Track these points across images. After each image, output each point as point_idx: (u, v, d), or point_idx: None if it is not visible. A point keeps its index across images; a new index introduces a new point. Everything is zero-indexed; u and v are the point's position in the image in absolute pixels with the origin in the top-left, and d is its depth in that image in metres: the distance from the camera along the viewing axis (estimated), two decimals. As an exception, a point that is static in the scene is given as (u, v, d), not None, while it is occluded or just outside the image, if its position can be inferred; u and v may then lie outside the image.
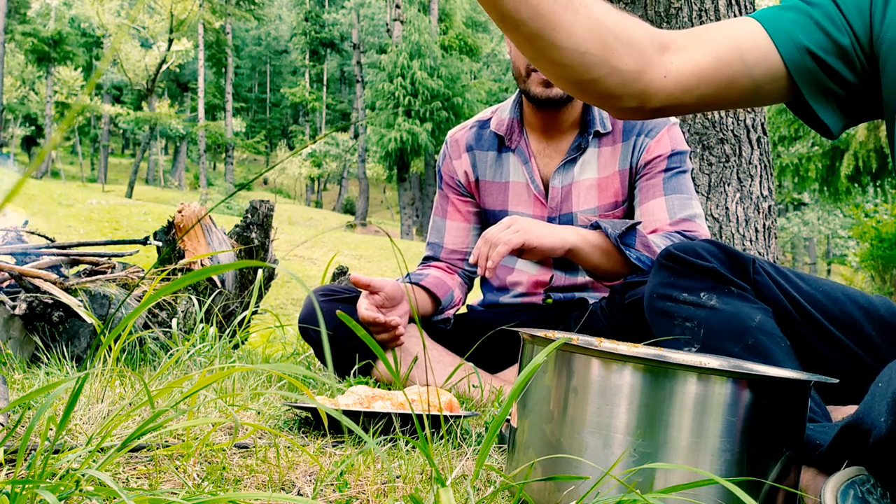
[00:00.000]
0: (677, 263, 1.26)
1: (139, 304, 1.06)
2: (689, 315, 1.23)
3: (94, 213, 15.08)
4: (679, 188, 1.77)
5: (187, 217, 2.26)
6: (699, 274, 1.24)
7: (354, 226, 29.82)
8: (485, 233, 1.62)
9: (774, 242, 2.71)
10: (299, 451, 1.05)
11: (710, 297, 1.23)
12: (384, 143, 29.10)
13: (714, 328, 1.21)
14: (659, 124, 1.82)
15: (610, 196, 1.85)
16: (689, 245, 1.28)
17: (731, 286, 1.23)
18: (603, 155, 1.85)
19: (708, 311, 1.22)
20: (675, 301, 1.25)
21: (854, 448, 0.90)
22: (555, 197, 1.87)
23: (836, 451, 0.94)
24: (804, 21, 1.03)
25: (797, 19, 1.04)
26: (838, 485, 0.88)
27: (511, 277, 1.98)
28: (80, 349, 1.73)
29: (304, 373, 0.73)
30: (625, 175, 1.84)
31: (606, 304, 1.77)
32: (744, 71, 1.04)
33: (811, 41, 1.02)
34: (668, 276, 1.27)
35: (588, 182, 1.85)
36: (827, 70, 1.03)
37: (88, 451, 0.82)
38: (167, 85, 43.26)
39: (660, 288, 1.28)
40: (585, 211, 1.85)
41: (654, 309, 1.29)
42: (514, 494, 0.93)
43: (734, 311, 1.21)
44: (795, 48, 1.02)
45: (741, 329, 1.19)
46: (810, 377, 0.92)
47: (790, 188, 17.65)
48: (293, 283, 10.37)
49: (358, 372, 1.77)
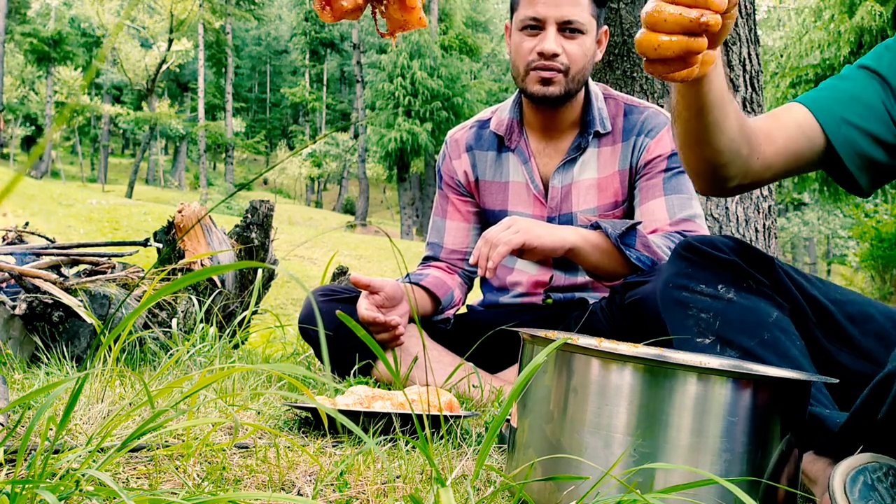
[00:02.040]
0: (697, 255, 1.26)
1: (139, 304, 1.06)
2: (705, 306, 1.23)
3: (94, 213, 15.08)
4: (679, 188, 1.77)
5: (187, 217, 2.26)
6: (719, 266, 1.24)
7: (354, 226, 29.81)
8: (485, 233, 1.62)
9: (774, 242, 2.71)
10: (299, 451, 1.05)
11: (728, 290, 1.23)
12: (384, 143, 29.09)
13: (730, 321, 1.21)
14: (659, 124, 1.82)
15: (610, 196, 1.85)
16: (708, 238, 1.27)
17: (751, 280, 1.23)
18: (603, 155, 1.85)
19: (725, 304, 1.22)
20: (692, 291, 1.25)
21: (872, 419, 0.90)
22: (554, 197, 1.87)
23: (855, 427, 0.95)
24: (850, 100, 1.21)
25: (842, 98, 1.22)
26: (848, 471, 0.87)
27: (511, 277, 1.98)
28: (80, 349, 1.73)
29: (304, 373, 0.73)
30: (625, 175, 1.84)
31: (606, 304, 1.76)
32: (807, 145, 1.21)
33: (851, 113, 1.20)
34: (687, 267, 1.27)
35: (588, 182, 1.85)
36: (868, 148, 1.20)
37: (88, 451, 0.82)
38: (167, 85, 43.25)
39: (676, 278, 1.27)
40: (585, 211, 1.85)
41: (668, 298, 1.28)
42: (514, 494, 0.93)
43: (752, 306, 1.21)
44: (837, 126, 1.20)
45: (758, 323, 1.19)
46: (810, 377, 0.92)
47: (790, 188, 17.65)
48: (293, 283, 10.37)
49: (358, 372, 1.77)
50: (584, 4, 1.74)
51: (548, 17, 1.72)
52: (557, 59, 1.73)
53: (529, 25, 1.75)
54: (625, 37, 2.58)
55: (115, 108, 36.42)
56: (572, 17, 1.72)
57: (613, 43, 2.59)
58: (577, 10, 1.72)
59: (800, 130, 1.20)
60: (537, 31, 1.74)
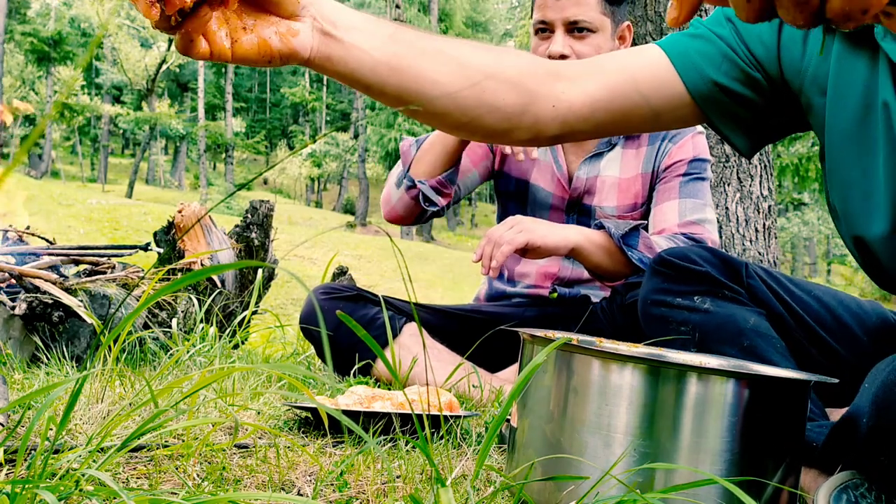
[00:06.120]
0: (670, 269, 1.27)
1: (139, 304, 1.06)
2: (683, 319, 1.24)
3: (94, 213, 15.08)
4: (695, 193, 1.78)
5: (187, 217, 2.26)
6: (692, 278, 1.25)
7: (354, 226, 29.81)
8: (488, 232, 1.62)
9: (774, 242, 2.71)
10: (299, 451, 1.05)
11: (704, 301, 1.23)
12: (384, 143, 29.09)
13: (709, 332, 1.21)
14: (684, 131, 1.83)
15: (630, 197, 1.86)
16: (681, 250, 1.28)
17: (725, 290, 1.24)
18: (627, 156, 1.86)
19: (702, 315, 1.22)
20: (669, 306, 1.26)
21: (846, 448, 0.91)
22: (578, 187, 1.88)
23: (831, 451, 0.95)
24: (710, 51, 1.06)
25: (703, 49, 1.07)
26: (831, 489, 0.88)
27: (519, 268, 1.99)
28: (80, 349, 1.73)
29: (304, 373, 0.73)
30: (647, 178, 1.85)
31: (607, 303, 1.77)
32: (641, 101, 1.07)
33: (718, 72, 1.06)
34: (662, 282, 1.28)
35: (610, 180, 1.87)
36: (733, 97, 1.07)
37: (88, 451, 0.82)
38: (167, 85, 43.25)
39: (653, 294, 1.28)
40: (605, 209, 1.86)
41: (648, 315, 1.30)
42: (514, 494, 0.93)
43: (729, 314, 1.21)
44: (701, 79, 1.06)
45: (736, 331, 1.19)
46: (810, 377, 0.92)
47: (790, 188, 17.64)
48: (293, 283, 10.37)
49: (358, 372, 1.77)
50: (592, 3, 1.75)
51: (555, 20, 1.75)
52: (566, 61, 1.75)
53: (540, 29, 1.79)
54: (625, 37, 2.58)
55: (115, 108, 36.43)
56: (578, 17, 1.74)
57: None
58: (582, 10, 1.74)
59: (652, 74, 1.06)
60: (548, 34, 1.78)
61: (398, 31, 0.98)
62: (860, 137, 1.00)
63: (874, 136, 0.98)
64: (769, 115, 1.10)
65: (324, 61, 0.93)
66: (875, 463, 0.88)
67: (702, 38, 1.07)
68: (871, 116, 0.98)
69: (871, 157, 0.99)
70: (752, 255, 2.62)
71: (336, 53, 0.93)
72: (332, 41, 0.92)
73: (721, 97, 1.07)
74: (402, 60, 0.96)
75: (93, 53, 0.98)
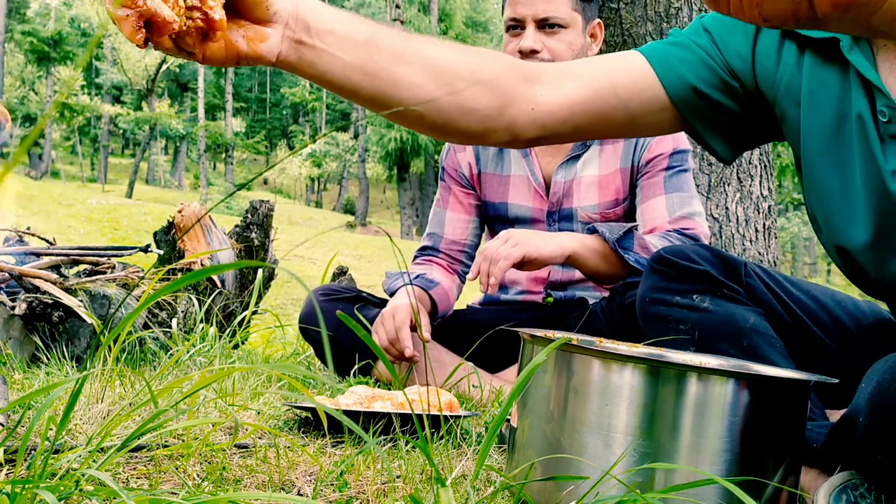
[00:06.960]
0: (668, 267, 1.27)
1: (139, 304, 1.06)
2: (682, 318, 1.24)
3: (94, 213, 15.09)
4: (680, 186, 1.78)
5: (187, 217, 2.26)
6: (691, 277, 1.24)
7: (354, 226, 29.82)
8: (483, 249, 1.62)
9: (774, 242, 2.71)
10: (299, 451, 1.05)
11: (703, 300, 1.23)
12: (384, 143, 29.09)
13: (708, 330, 1.21)
14: None
15: (611, 193, 1.85)
16: (679, 249, 1.28)
17: (724, 289, 1.23)
18: (605, 153, 1.86)
19: (701, 314, 1.22)
20: (668, 305, 1.25)
21: (846, 448, 0.92)
22: (556, 192, 1.88)
23: (830, 451, 0.95)
24: (690, 58, 1.08)
25: (683, 56, 1.08)
26: (831, 489, 0.88)
27: (510, 276, 1.99)
28: (80, 349, 1.73)
29: (304, 373, 0.73)
30: (626, 173, 1.84)
31: (606, 304, 1.77)
32: (619, 106, 1.07)
33: (697, 78, 1.08)
34: (660, 280, 1.27)
35: (589, 179, 1.86)
36: (711, 104, 1.09)
37: (88, 451, 0.82)
38: (167, 85, 43.24)
39: (652, 292, 1.28)
40: (586, 208, 1.86)
41: (646, 314, 1.29)
42: (514, 494, 0.93)
43: (728, 313, 1.21)
44: (681, 84, 1.07)
45: (736, 330, 1.19)
46: (810, 377, 0.92)
47: (790, 188, 17.67)
48: (293, 283, 10.37)
49: (358, 372, 1.77)
50: (562, 0, 1.76)
51: (525, 16, 1.76)
52: (538, 56, 1.75)
53: (511, 26, 1.80)
54: (625, 37, 2.58)
55: (115, 108, 36.44)
56: (548, 14, 1.76)
57: (614, 43, 2.58)
58: (552, 6, 1.76)
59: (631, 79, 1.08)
60: (519, 31, 1.79)
61: (378, 33, 0.98)
62: (836, 148, 1.02)
63: (850, 146, 1.00)
64: (746, 123, 1.12)
65: (293, 64, 0.95)
66: (873, 462, 0.88)
67: (681, 46, 1.10)
68: (845, 128, 1.00)
69: (848, 168, 1.01)
70: (752, 255, 2.62)
71: (306, 58, 0.94)
72: (302, 47, 0.94)
73: (699, 103, 1.08)
74: (376, 64, 0.97)
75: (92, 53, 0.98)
